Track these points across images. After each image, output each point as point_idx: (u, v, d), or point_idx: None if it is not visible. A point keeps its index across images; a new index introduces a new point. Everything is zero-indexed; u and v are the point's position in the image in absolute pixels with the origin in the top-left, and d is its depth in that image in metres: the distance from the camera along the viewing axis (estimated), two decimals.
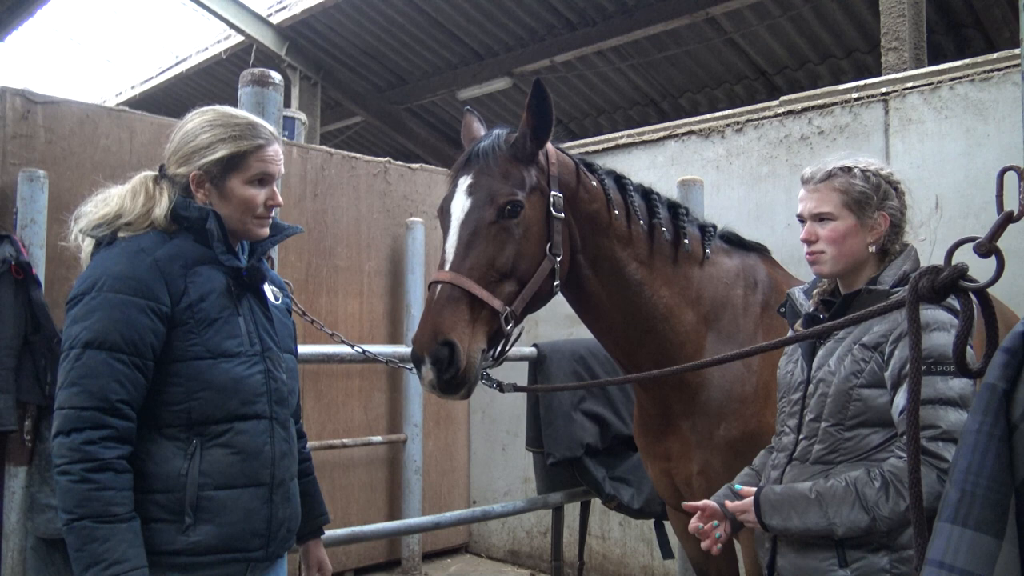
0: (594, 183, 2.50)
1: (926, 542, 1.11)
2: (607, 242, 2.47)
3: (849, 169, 2.04)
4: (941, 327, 1.82)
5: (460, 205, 2.27)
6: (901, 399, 1.81)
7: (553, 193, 2.35)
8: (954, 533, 1.06)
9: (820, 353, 2.03)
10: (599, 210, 2.47)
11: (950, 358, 1.75)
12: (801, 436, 2.02)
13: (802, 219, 2.09)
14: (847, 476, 1.85)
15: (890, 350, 1.88)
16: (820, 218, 2.04)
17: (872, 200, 2.02)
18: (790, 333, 2.21)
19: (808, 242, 2.06)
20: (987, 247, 1.19)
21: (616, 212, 2.49)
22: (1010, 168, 1.22)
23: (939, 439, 1.73)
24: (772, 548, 2.07)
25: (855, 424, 1.92)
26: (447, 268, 2.19)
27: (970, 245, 1.23)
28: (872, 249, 2.02)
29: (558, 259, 2.33)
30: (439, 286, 2.17)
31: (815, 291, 2.19)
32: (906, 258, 2.03)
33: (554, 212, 2.33)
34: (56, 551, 3.73)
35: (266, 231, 1.95)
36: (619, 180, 2.59)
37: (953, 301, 1.66)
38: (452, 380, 2.10)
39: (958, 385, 1.76)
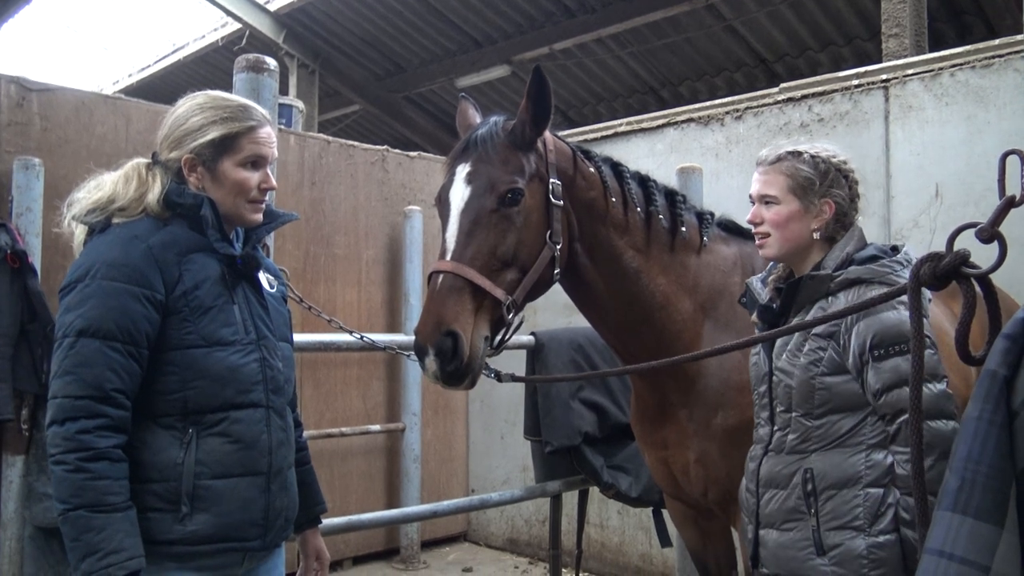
0: (591, 170, 2.48)
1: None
2: (604, 230, 2.45)
3: (799, 154, 2.03)
4: (888, 305, 1.82)
5: (459, 194, 2.24)
6: (873, 379, 1.83)
7: (552, 180, 2.33)
8: (954, 522, 1.05)
9: (778, 343, 2.03)
10: (596, 198, 2.45)
11: (906, 336, 1.76)
12: (776, 427, 2.03)
13: (752, 200, 2.09)
14: None
15: (844, 340, 1.88)
16: (766, 201, 2.04)
17: (816, 186, 2.00)
18: (754, 326, 2.21)
19: (754, 224, 2.06)
20: (989, 232, 1.18)
21: (613, 200, 2.47)
22: (1012, 152, 1.21)
23: None
24: (755, 539, 2.08)
25: (823, 412, 1.93)
26: (448, 258, 2.16)
27: (972, 231, 1.22)
28: (816, 235, 2.01)
29: (558, 247, 2.31)
30: (440, 276, 2.14)
31: (771, 278, 2.18)
32: (848, 239, 2.02)
33: (553, 199, 2.31)
34: (54, 540, 3.74)
35: (260, 216, 1.93)
36: (616, 167, 2.56)
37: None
38: (456, 371, 2.08)
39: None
